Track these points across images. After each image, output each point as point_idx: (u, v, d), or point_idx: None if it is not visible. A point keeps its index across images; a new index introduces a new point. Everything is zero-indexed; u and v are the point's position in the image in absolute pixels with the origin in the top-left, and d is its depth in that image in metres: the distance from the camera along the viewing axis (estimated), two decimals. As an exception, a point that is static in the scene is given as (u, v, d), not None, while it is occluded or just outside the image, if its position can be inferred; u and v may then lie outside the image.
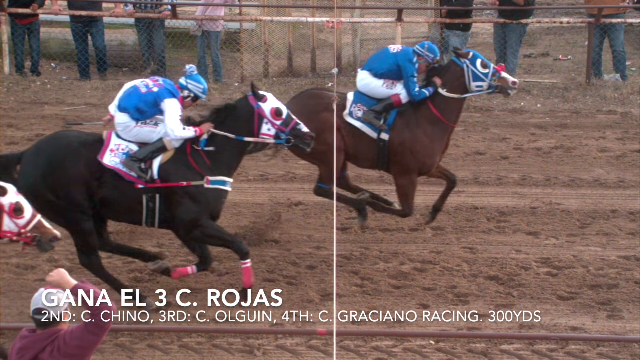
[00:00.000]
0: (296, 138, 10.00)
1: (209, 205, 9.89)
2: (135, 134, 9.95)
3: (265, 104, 9.97)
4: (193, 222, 9.85)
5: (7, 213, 8.18)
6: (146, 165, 9.83)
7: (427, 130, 11.27)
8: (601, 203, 12.38)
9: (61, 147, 9.80)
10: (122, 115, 9.97)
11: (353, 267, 10.87)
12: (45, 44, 17.91)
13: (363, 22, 18.35)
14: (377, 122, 11.21)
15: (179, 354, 9.34)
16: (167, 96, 9.93)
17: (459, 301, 10.15)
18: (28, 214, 8.23)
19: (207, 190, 9.87)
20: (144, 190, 9.82)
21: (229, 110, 10.07)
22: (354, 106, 11.30)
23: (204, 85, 10.18)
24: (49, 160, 9.72)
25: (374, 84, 11.32)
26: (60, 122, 15.13)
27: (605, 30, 16.87)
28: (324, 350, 9.32)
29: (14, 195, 8.25)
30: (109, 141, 9.88)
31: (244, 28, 18.01)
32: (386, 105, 11.26)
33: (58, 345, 5.93)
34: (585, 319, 9.88)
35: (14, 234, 8.22)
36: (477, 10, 18.30)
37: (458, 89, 11.32)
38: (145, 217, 9.90)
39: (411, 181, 11.31)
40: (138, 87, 10.04)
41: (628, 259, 11.05)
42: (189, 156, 9.93)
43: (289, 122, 9.98)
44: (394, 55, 11.36)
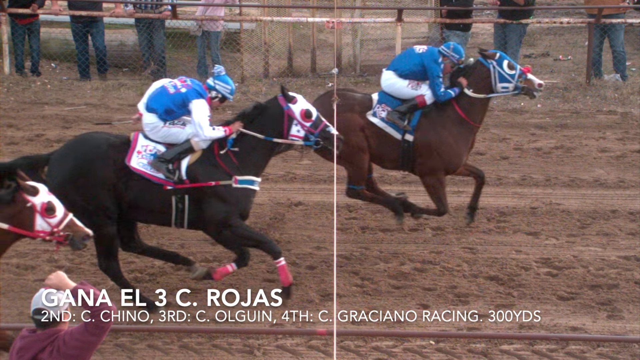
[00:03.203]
0: (325, 140, 10.05)
1: (238, 205, 9.92)
2: (163, 135, 9.98)
3: (295, 106, 10.03)
4: (223, 222, 9.88)
5: (39, 213, 8.18)
6: (174, 167, 9.85)
7: (453, 130, 11.28)
8: (601, 203, 12.37)
9: (89, 149, 9.80)
10: (151, 115, 10.01)
11: (353, 268, 10.87)
12: (45, 44, 17.92)
13: (363, 22, 18.35)
14: (401, 123, 11.20)
15: (179, 354, 9.34)
16: (195, 97, 9.96)
17: (459, 301, 10.15)
18: (60, 213, 8.23)
19: (235, 190, 9.90)
20: (173, 192, 9.84)
21: (258, 110, 10.11)
22: (378, 107, 11.30)
23: (232, 86, 10.24)
24: (77, 162, 9.73)
25: (399, 84, 11.33)
26: (60, 123, 15.14)
27: (606, 31, 16.86)
28: (324, 350, 9.32)
29: (46, 195, 8.26)
30: (135, 143, 9.91)
31: (244, 28, 18.00)
32: (411, 106, 11.26)
33: (58, 346, 5.92)
34: (586, 319, 9.88)
35: (47, 234, 8.22)
36: (477, 11, 18.30)
37: (484, 90, 11.33)
38: (175, 219, 9.92)
39: (439, 180, 11.32)
40: (166, 88, 10.07)
41: (628, 259, 11.05)
42: (216, 156, 9.97)
43: (318, 124, 10.04)
44: (419, 56, 11.36)
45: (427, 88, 11.30)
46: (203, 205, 9.85)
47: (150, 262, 10.51)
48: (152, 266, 10.61)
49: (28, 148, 14.12)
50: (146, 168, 9.81)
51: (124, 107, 15.88)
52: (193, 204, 9.86)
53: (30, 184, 8.24)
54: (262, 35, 17.97)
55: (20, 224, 8.17)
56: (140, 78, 17.45)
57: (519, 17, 16.80)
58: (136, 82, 17.09)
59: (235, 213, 9.89)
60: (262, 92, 16.51)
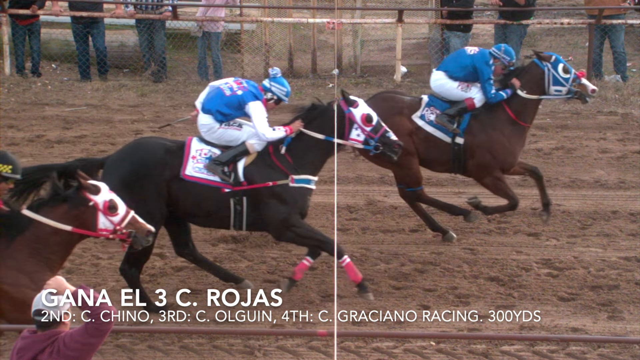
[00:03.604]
0: (384, 145, 10.09)
1: (297, 205, 9.95)
2: (218, 136, 10.02)
3: (356, 110, 10.08)
4: (284, 223, 9.91)
5: (102, 211, 8.20)
6: (229, 169, 9.88)
7: (504, 130, 11.30)
8: (602, 204, 12.37)
9: (145, 155, 9.83)
10: (206, 117, 10.04)
11: (354, 268, 10.85)
12: (46, 45, 17.91)
13: (364, 23, 18.35)
14: (450, 126, 11.20)
15: (179, 355, 9.33)
16: (251, 99, 10.00)
17: (459, 302, 10.14)
18: (122, 211, 8.26)
19: (292, 190, 9.93)
20: (231, 194, 9.86)
21: (318, 110, 10.15)
22: (427, 109, 11.29)
23: (288, 88, 10.27)
24: (133, 167, 9.76)
25: (449, 85, 11.34)
26: (61, 123, 15.14)
27: (606, 32, 16.87)
28: (325, 351, 9.32)
29: (107, 193, 8.28)
30: (189, 149, 9.94)
31: (245, 29, 18.01)
32: (460, 109, 11.26)
33: (58, 347, 5.92)
34: (586, 320, 9.88)
35: (110, 232, 8.24)
36: (477, 12, 18.30)
37: (536, 91, 11.36)
38: (233, 221, 9.94)
39: (498, 178, 11.34)
40: (222, 90, 10.10)
41: (629, 260, 11.04)
42: (272, 156, 10.01)
43: (378, 129, 10.08)
44: (470, 57, 11.37)
45: (477, 90, 11.29)
46: (262, 206, 9.91)
47: (151, 262, 10.50)
48: (152, 267, 10.60)
49: (28, 149, 14.12)
50: (202, 172, 9.85)
51: (124, 108, 15.89)
52: (251, 206, 9.91)
53: (91, 183, 8.28)
54: (262, 36, 17.97)
55: (83, 224, 8.20)
56: (140, 79, 17.45)
57: (519, 18, 16.80)
58: (137, 83, 17.10)
59: (294, 213, 9.94)
60: (262, 93, 16.50)
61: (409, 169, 11.23)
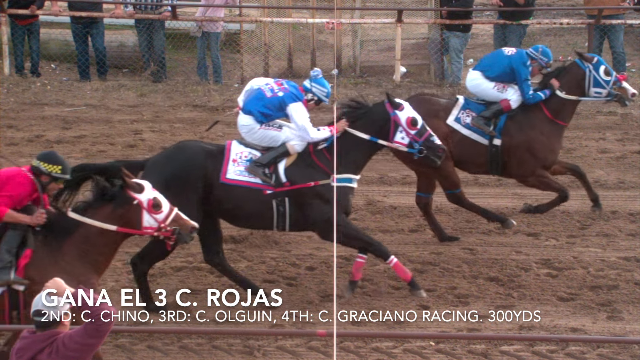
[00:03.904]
0: (428, 149, 10.14)
1: (340, 204, 9.96)
2: (259, 137, 10.07)
3: (401, 113, 10.12)
4: (329, 223, 9.91)
5: (146, 210, 8.25)
6: (270, 171, 9.91)
7: (543, 129, 11.33)
8: (602, 204, 12.36)
9: (187, 159, 9.86)
10: (247, 117, 10.09)
11: (353, 268, 10.85)
12: (45, 45, 17.91)
13: (363, 23, 18.35)
14: (486, 128, 11.20)
15: (179, 355, 9.33)
16: (292, 101, 10.05)
17: (459, 302, 10.14)
18: (166, 208, 8.31)
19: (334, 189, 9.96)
20: (272, 196, 9.88)
21: (362, 110, 10.17)
22: (462, 112, 11.28)
23: (328, 89, 10.29)
24: (174, 170, 9.78)
25: (484, 86, 11.35)
26: (60, 123, 15.14)
27: (605, 32, 16.87)
28: (324, 351, 9.32)
29: (151, 192, 8.33)
30: (229, 152, 9.97)
31: (244, 29, 18.01)
32: (496, 111, 11.24)
33: (57, 347, 5.92)
34: (586, 320, 9.88)
35: (154, 229, 8.29)
36: (477, 12, 18.30)
37: (576, 92, 11.38)
38: (277, 222, 9.98)
39: (541, 174, 11.35)
40: (263, 91, 10.14)
41: (628, 260, 11.04)
42: (312, 156, 10.05)
43: (423, 133, 10.13)
44: (508, 58, 11.36)
45: (513, 91, 11.28)
46: (305, 207, 9.95)
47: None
48: (152, 267, 10.59)
49: (28, 149, 14.11)
50: (243, 175, 9.88)
51: (124, 108, 15.88)
52: (294, 207, 9.95)
53: (135, 181, 8.33)
54: (262, 36, 17.97)
55: (128, 222, 8.27)
56: (140, 79, 17.45)
57: (519, 18, 16.81)
58: (136, 83, 17.10)
59: (339, 212, 9.95)
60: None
61: (446, 172, 11.20)
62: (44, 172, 8.39)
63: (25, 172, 8.40)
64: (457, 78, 16.92)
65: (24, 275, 8.19)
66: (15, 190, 8.30)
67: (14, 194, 8.29)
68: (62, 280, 7.93)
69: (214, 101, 16.14)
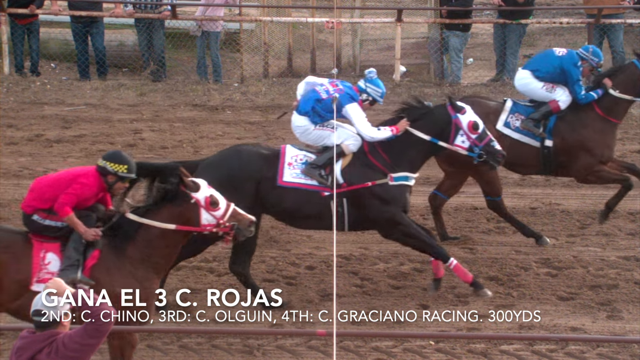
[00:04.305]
0: (488, 154, 10.15)
1: (398, 202, 9.98)
2: (313, 137, 10.13)
3: (463, 116, 10.15)
4: (390, 222, 10.00)
5: (203, 207, 8.30)
6: (326, 172, 9.94)
7: (595, 126, 11.27)
8: (601, 204, 12.34)
9: (242, 163, 9.93)
10: (302, 118, 10.16)
11: (353, 268, 10.87)
12: (45, 45, 17.90)
13: (363, 22, 18.35)
14: (537, 130, 11.17)
15: (178, 354, 9.33)
16: (348, 102, 10.08)
17: (458, 301, 10.15)
18: (223, 205, 8.35)
19: (392, 188, 9.99)
20: (330, 197, 9.94)
21: (423, 110, 10.18)
22: (511, 116, 11.25)
23: (383, 89, 10.32)
24: (229, 173, 9.85)
25: (533, 85, 11.30)
26: (60, 123, 15.13)
27: (605, 31, 16.87)
28: (324, 350, 9.32)
29: (207, 189, 8.38)
30: (284, 156, 10.02)
31: (244, 28, 18.00)
32: (545, 112, 11.20)
33: (56, 347, 5.92)
34: (585, 320, 9.88)
35: (213, 226, 8.34)
36: (477, 11, 18.29)
37: (631, 92, 11.32)
38: (335, 223, 9.99)
39: (599, 170, 11.28)
40: (318, 93, 10.18)
41: (628, 259, 11.05)
42: (368, 155, 10.07)
43: (483, 138, 10.15)
44: (559, 59, 11.31)
45: (562, 92, 11.22)
46: (364, 207, 9.98)
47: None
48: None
49: (27, 148, 14.12)
50: (300, 177, 9.94)
51: (123, 107, 15.88)
52: (352, 207, 9.99)
53: (192, 180, 8.38)
54: (261, 35, 17.96)
55: (186, 221, 8.32)
56: (139, 78, 17.44)
57: (518, 18, 16.80)
58: (136, 82, 17.09)
59: (398, 211, 9.98)
60: (261, 92, 16.52)
61: (490, 178, 11.17)
62: (110, 171, 8.47)
63: (92, 172, 8.49)
64: (457, 77, 16.92)
65: (90, 276, 8.25)
66: (81, 190, 8.39)
67: (80, 193, 8.38)
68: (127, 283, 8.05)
69: (213, 100, 16.14)
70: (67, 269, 8.21)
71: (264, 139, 14.47)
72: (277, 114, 15.67)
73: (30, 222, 8.44)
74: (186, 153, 13.68)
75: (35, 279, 8.21)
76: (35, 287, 8.13)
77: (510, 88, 16.50)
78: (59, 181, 8.46)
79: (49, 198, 8.37)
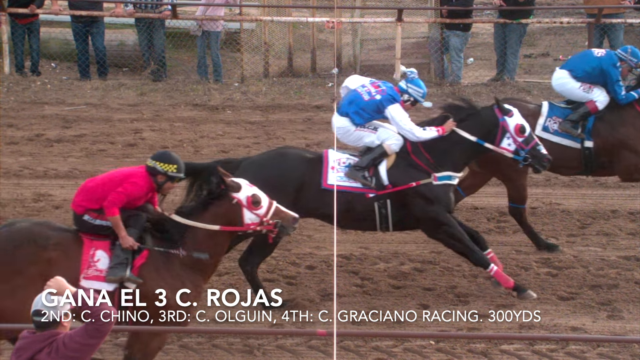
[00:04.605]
0: (534, 158, 10.14)
1: (442, 202, 10.01)
2: (354, 138, 10.17)
3: (510, 119, 10.14)
4: (434, 221, 10.02)
5: (246, 207, 8.32)
6: (370, 174, 9.96)
7: (636, 124, 11.21)
8: (601, 203, 12.38)
9: (287, 166, 9.96)
10: (342, 119, 10.18)
11: (353, 267, 10.87)
12: (45, 44, 17.91)
13: (363, 22, 18.35)
14: (575, 131, 11.12)
15: (179, 354, 9.33)
16: (389, 103, 10.10)
17: (459, 301, 10.15)
18: (265, 203, 8.37)
19: (436, 187, 10.01)
20: (374, 199, 9.97)
21: (470, 112, 10.19)
22: (549, 120, 11.22)
23: (424, 89, 10.33)
24: (272, 174, 9.85)
25: (570, 85, 11.26)
26: (60, 122, 15.14)
27: (605, 31, 16.87)
28: (324, 350, 9.32)
29: (249, 189, 8.40)
30: (327, 160, 10.05)
31: (244, 28, 18.00)
32: (583, 114, 11.16)
33: (57, 347, 5.92)
34: (586, 320, 9.88)
35: (256, 225, 8.36)
36: (477, 11, 18.30)
37: None
38: (379, 223, 10.06)
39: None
40: (360, 95, 10.21)
41: (628, 259, 11.05)
42: (411, 155, 10.09)
43: (529, 141, 10.14)
44: (597, 59, 11.27)
45: (599, 92, 11.17)
46: (408, 207, 10.00)
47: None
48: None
49: (28, 148, 14.12)
50: (344, 180, 9.97)
51: (124, 107, 15.88)
52: (396, 207, 10.00)
53: (232, 180, 8.39)
54: (262, 35, 17.97)
55: (230, 221, 8.34)
56: (140, 78, 17.45)
57: (519, 17, 16.80)
58: (136, 82, 17.10)
59: (443, 211, 10.01)
60: (262, 92, 16.52)
61: (519, 185, 11.15)
62: (160, 171, 8.49)
63: (142, 172, 8.52)
64: (457, 77, 16.92)
65: (138, 275, 8.27)
66: (131, 189, 8.42)
67: (130, 192, 8.41)
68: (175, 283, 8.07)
69: (214, 100, 16.14)
70: (116, 267, 8.24)
71: (264, 139, 14.47)
72: (277, 113, 15.69)
73: (81, 222, 8.48)
74: (187, 153, 13.68)
75: (82, 276, 8.23)
76: (82, 283, 8.17)
77: (510, 88, 16.52)
78: (109, 181, 8.50)
79: (99, 198, 8.41)
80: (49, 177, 13.22)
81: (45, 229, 8.37)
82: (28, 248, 8.16)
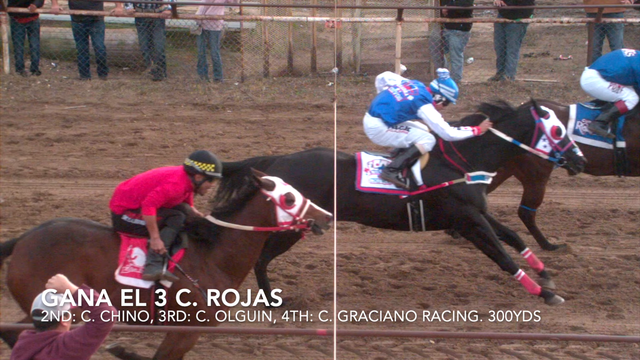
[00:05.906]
0: (569, 160, 10.13)
1: (475, 202, 10.02)
2: (386, 139, 10.18)
3: (547, 121, 10.13)
4: (467, 221, 10.02)
5: (279, 206, 8.30)
6: (403, 175, 9.99)
7: None
8: (601, 203, 12.38)
9: (321, 167, 9.92)
10: (375, 120, 10.19)
11: (353, 267, 10.87)
12: (45, 44, 17.92)
13: (363, 21, 18.35)
14: (604, 132, 11.09)
15: (179, 353, 9.32)
16: (422, 104, 10.11)
17: (459, 301, 10.15)
18: (299, 202, 8.35)
19: (469, 187, 10.02)
20: (407, 199, 9.99)
21: (506, 112, 10.18)
22: (578, 123, 11.20)
23: (456, 90, 10.34)
24: (305, 175, 9.83)
25: (599, 85, 11.21)
26: (60, 122, 15.14)
27: (605, 30, 16.87)
28: (324, 349, 9.32)
29: (283, 187, 8.38)
30: (360, 163, 10.07)
31: (245, 27, 18.01)
32: (612, 114, 11.12)
33: (57, 346, 5.92)
34: (586, 319, 9.88)
35: (290, 223, 8.34)
36: (477, 10, 18.30)
37: None
38: (412, 224, 10.08)
39: None
40: (393, 96, 10.21)
41: (628, 258, 11.05)
42: (444, 155, 10.10)
43: (565, 143, 10.13)
44: (628, 60, 11.22)
45: (628, 92, 11.11)
46: (441, 206, 10.01)
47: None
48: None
49: (28, 147, 14.12)
50: (378, 182, 9.98)
51: (124, 106, 15.89)
52: (428, 207, 10.02)
53: (266, 179, 8.37)
54: (262, 34, 17.97)
55: (264, 220, 8.33)
56: (140, 77, 17.46)
57: (519, 17, 16.80)
58: (136, 81, 17.10)
59: (476, 210, 10.02)
60: (262, 91, 16.52)
61: (537, 190, 11.11)
62: (198, 171, 8.50)
63: (180, 172, 8.52)
64: (457, 76, 16.91)
65: (174, 273, 8.29)
66: (169, 189, 8.43)
67: (168, 192, 8.42)
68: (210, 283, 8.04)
69: (214, 99, 16.14)
70: (153, 264, 8.27)
71: (264, 138, 14.47)
72: (277, 113, 15.69)
73: (120, 222, 8.49)
74: (187, 152, 13.66)
75: (118, 272, 8.25)
76: (118, 279, 8.21)
77: (510, 87, 16.52)
78: (147, 180, 8.51)
79: (137, 197, 8.43)
80: (49, 177, 13.22)
81: (83, 226, 8.42)
82: (65, 245, 8.20)
